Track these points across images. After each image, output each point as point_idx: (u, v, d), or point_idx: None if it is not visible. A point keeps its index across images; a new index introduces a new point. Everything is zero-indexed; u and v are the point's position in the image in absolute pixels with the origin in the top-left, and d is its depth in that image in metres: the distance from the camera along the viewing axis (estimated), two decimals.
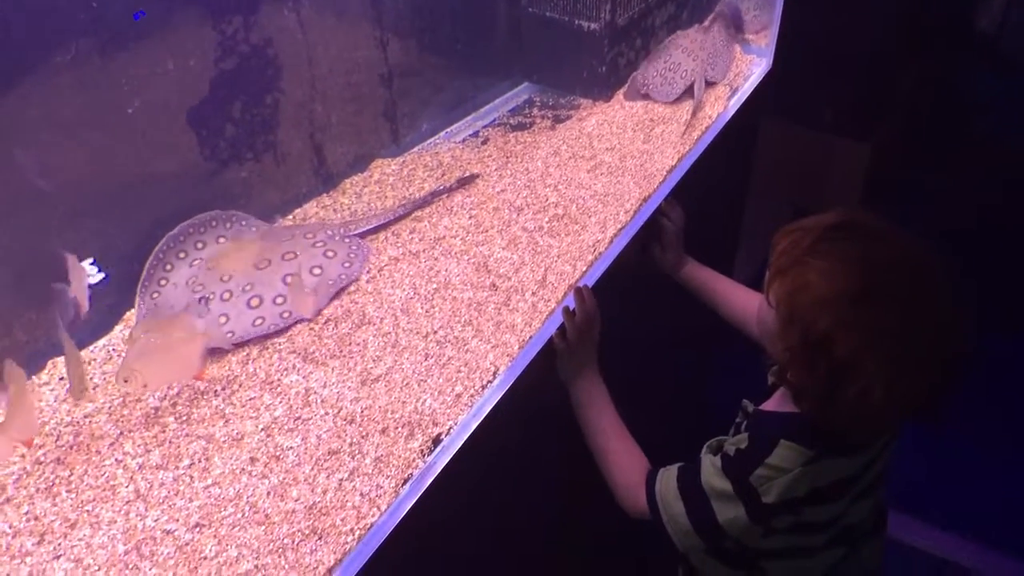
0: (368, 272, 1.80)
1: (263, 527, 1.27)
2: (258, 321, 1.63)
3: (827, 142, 4.03)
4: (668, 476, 1.55)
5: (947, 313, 1.31)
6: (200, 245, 1.75)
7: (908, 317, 1.29)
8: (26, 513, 1.28)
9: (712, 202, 2.81)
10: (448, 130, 2.45)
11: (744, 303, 1.95)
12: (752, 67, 2.89)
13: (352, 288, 1.76)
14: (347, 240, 1.84)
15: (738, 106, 2.67)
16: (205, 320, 1.61)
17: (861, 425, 1.39)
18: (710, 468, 1.48)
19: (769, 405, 1.56)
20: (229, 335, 1.61)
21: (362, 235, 1.90)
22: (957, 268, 1.33)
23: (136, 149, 1.62)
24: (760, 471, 1.41)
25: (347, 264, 1.78)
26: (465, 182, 2.13)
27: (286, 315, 1.65)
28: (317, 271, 1.73)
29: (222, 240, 1.78)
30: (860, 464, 1.46)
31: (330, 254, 1.78)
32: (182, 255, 1.73)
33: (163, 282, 1.70)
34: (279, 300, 1.66)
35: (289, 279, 1.67)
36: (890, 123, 4.15)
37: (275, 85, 1.84)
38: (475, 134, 2.42)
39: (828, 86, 3.94)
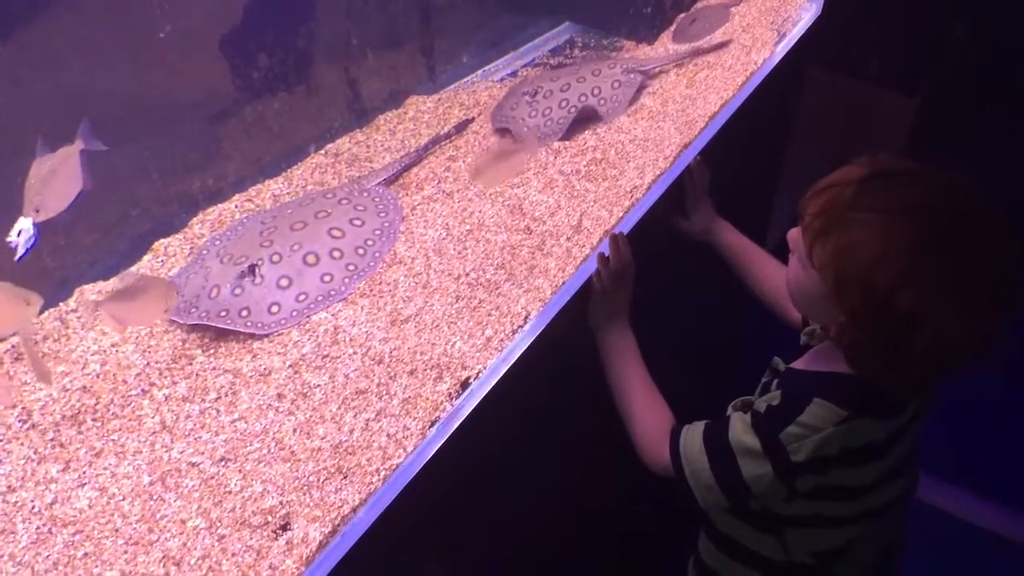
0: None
1: (288, 464, 1.26)
2: (326, 278, 1.55)
3: (872, 94, 3.90)
4: (694, 432, 1.51)
5: (1000, 236, 1.26)
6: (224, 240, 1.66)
7: (968, 252, 1.24)
8: (51, 440, 1.29)
9: (753, 152, 2.74)
10: (485, 68, 2.39)
11: (777, 280, 1.80)
12: (801, 12, 2.78)
13: None
14: (366, 193, 1.77)
15: (784, 52, 2.58)
16: (260, 288, 1.50)
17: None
18: (739, 424, 1.44)
19: (800, 364, 1.52)
20: (301, 298, 1.52)
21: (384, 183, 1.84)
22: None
23: (166, 76, 1.59)
24: (792, 428, 1.38)
25: (383, 213, 1.71)
26: (462, 127, 2.07)
27: (351, 267, 1.59)
28: (358, 222, 1.66)
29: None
30: (889, 430, 1.41)
31: (361, 207, 1.70)
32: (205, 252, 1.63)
33: (191, 274, 1.58)
34: (336, 254, 1.59)
35: (335, 231, 1.61)
36: (939, 76, 4.00)
37: (310, 15, 1.79)
38: (513, 74, 2.35)
39: (876, 35, 3.80)
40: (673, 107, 2.17)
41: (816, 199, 1.35)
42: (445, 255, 1.66)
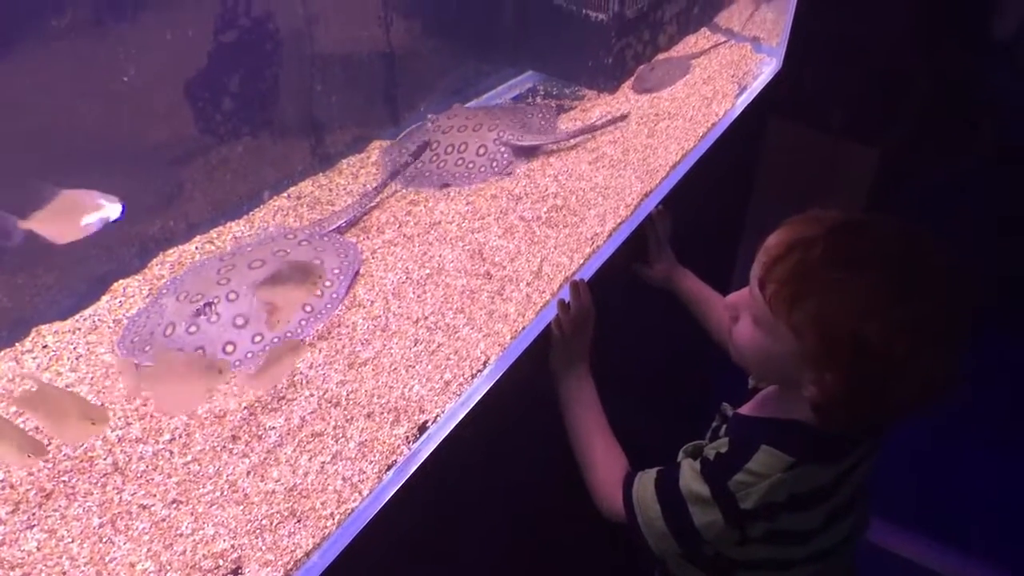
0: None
1: (241, 507, 1.26)
2: None
3: (834, 145, 3.98)
4: (646, 479, 1.52)
5: (958, 273, 1.29)
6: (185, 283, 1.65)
7: (939, 291, 1.27)
8: (1, 480, 1.27)
9: (715, 203, 2.78)
10: None
11: None
12: (762, 66, 2.86)
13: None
14: (326, 237, 1.78)
15: (745, 105, 2.64)
16: (215, 327, 1.50)
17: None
18: (689, 472, 1.45)
19: (747, 409, 1.53)
20: (257, 339, 1.52)
21: (339, 229, 1.84)
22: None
23: (131, 119, 1.59)
24: (740, 476, 1.39)
25: (343, 255, 1.72)
26: (418, 153, 2.09)
27: (309, 309, 1.59)
28: (318, 262, 1.67)
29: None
30: (836, 473, 1.43)
31: (319, 248, 1.72)
32: (165, 292, 1.64)
33: (148, 314, 1.57)
34: None
35: None
36: (900, 127, 4.09)
37: (275, 60, 1.81)
38: None
39: (838, 88, 3.88)
40: (634, 156, 2.21)
41: (781, 264, 1.33)
42: (404, 299, 1.67)
